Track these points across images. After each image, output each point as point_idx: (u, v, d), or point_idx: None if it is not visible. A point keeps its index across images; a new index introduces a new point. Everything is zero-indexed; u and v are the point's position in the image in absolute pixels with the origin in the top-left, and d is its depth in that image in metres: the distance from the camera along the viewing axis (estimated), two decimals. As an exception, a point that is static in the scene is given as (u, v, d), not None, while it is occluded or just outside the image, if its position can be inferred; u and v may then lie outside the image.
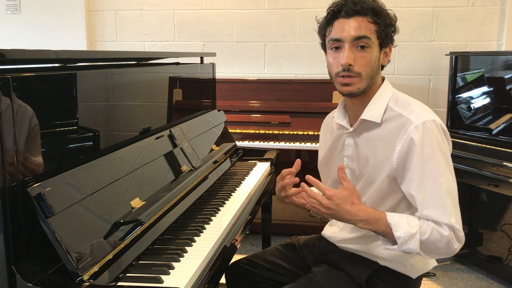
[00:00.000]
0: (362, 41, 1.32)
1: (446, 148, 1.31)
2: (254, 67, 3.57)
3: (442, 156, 1.29)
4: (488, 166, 2.50)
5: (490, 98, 2.79)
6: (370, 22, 1.33)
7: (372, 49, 1.34)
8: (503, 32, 3.17)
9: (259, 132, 3.03)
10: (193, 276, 1.14)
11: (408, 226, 1.26)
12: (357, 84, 1.34)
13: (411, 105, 1.36)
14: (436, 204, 1.27)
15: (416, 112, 1.33)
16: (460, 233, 1.27)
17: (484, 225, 2.71)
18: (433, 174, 1.27)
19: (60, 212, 1.04)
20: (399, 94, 1.42)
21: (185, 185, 1.55)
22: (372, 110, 1.39)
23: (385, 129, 1.37)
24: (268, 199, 2.30)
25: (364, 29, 1.32)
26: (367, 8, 1.33)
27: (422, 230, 1.26)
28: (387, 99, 1.39)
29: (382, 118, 1.37)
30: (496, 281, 2.66)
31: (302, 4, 3.42)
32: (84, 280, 1.01)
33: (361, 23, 1.32)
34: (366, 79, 1.35)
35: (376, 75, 1.38)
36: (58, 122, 1.20)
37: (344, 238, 1.49)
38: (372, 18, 1.33)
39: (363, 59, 1.33)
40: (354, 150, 1.44)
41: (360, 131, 1.42)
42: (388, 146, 1.34)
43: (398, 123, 1.34)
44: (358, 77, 1.34)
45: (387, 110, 1.38)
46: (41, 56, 1.24)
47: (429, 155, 1.28)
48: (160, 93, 1.86)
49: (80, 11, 3.65)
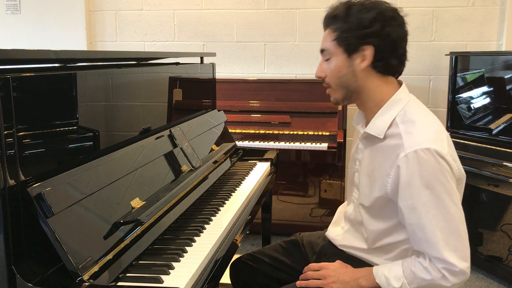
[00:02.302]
0: (324, 54, 1.34)
1: (444, 176, 1.20)
2: (254, 67, 3.57)
3: (436, 186, 1.19)
4: (488, 166, 2.50)
5: (490, 98, 2.79)
6: (332, 31, 1.30)
7: (335, 58, 1.31)
8: (503, 32, 3.17)
9: (259, 132, 3.03)
10: (193, 276, 1.14)
11: (394, 281, 1.27)
12: (332, 95, 1.36)
13: (414, 125, 1.25)
14: (427, 238, 1.22)
15: (412, 136, 1.23)
16: (456, 268, 1.20)
17: (484, 225, 2.71)
18: (425, 208, 1.20)
19: (60, 212, 1.04)
20: (410, 107, 1.30)
21: (185, 185, 1.55)
22: (376, 124, 1.32)
23: (385, 145, 1.30)
24: (268, 199, 2.30)
25: (324, 41, 1.33)
26: (328, 17, 1.32)
27: (408, 280, 1.26)
28: (395, 112, 1.29)
29: (386, 133, 1.29)
30: (496, 281, 2.66)
31: (302, 4, 3.42)
32: (84, 280, 1.01)
33: (326, 35, 1.33)
34: (339, 89, 1.33)
35: (352, 83, 1.31)
36: (58, 122, 1.20)
37: (346, 245, 1.48)
38: (333, 27, 1.30)
39: (328, 70, 1.33)
40: (362, 156, 1.41)
41: (367, 141, 1.38)
42: (386, 165, 1.28)
43: (395, 144, 1.26)
44: (330, 88, 1.35)
45: (392, 125, 1.29)
46: (41, 56, 1.24)
47: (419, 187, 1.20)
48: (160, 93, 1.86)
49: (80, 11, 3.65)
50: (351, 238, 1.46)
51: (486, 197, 2.71)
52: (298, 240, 1.66)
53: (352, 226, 1.47)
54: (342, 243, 1.49)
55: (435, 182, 1.20)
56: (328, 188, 3.04)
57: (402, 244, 1.34)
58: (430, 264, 1.24)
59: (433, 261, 1.23)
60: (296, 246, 1.65)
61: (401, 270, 1.28)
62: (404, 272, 1.27)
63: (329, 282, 1.35)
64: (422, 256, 1.27)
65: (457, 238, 1.22)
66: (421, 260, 1.27)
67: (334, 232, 1.54)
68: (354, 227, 1.46)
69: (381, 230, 1.35)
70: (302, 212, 3.11)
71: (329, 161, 2.85)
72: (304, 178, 3.12)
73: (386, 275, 1.29)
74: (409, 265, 1.28)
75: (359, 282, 1.33)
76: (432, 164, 1.19)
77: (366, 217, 1.38)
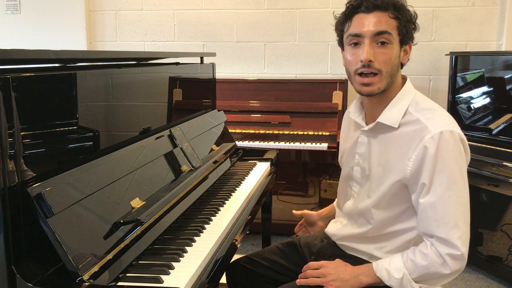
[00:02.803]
0: (383, 37, 1.27)
1: (462, 161, 1.26)
2: (254, 67, 3.57)
3: (455, 169, 1.24)
4: (488, 166, 2.50)
5: (490, 98, 2.79)
6: (391, 17, 1.28)
7: (393, 46, 1.29)
8: (503, 32, 3.17)
9: (259, 132, 3.03)
10: (193, 276, 1.14)
11: (395, 272, 1.29)
12: (377, 84, 1.29)
13: (431, 111, 1.30)
14: (437, 217, 1.25)
15: (434, 120, 1.27)
16: (458, 251, 1.23)
17: (484, 225, 2.71)
18: (442, 187, 1.24)
19: (60, 212, 1.04)
20: (421, 98, 1.35)
21: (185, 185, 1.55)
22: (390, 114, 1.33)
23: (401, 133, 1.32)
24: (268, 199, 2.30)
25: (385, 24, 1.27)
26: (388, 3, 1.29)
27: (409, 271, 1.28)
28: (407, 102, 1.33)
29: (400, 122, 1.32)
30: (496, 281, 2.66)
31: (302, 4, 3.42)
32: (84, 280, 1.01)
33: (381, 18, 1.28)
34: (387, 78, 1.29)
35: (396, 73, 1.33)
36: (58, 122, 1.20)
37: (346, 235, 1.48)
38: (393, 13, 1.28)
39: (384, 56, 1.28)
40: (367, 149, 1.41)
41: (376, 131, 1.38)
42: (402, 151, 1.30)
43: (415, 129, 1.28)
44: (379, 75, 1.29)
45: (406, 114, 1.32)
46: (41, 56, 1.23)
47: (441, 167, 1.23)
48: (160, 93, 1.86)
49: (80, 11, 3.65)
50: (351, 229, 1.47)
51: (486, 197, 2.71)
52: (295, 241, 1.66)
53: (351, 219, 1.48)
54: (343, 234, 1.49)
55: (454, 165, 1.24)
56: (328, 188, 3.04)
57: (404, 233, 1.36)
58: (432, 249, 1.26)
59: (436, 245, 1.25)
60: (293, 247, 1.65)
61: (401, 261, 1.30)
62: (405, 263, 1.29)
63: (329, 280, 1.35)
64: (423, 244, 1.29)
65: (465, 223, 1.27)
66: (421, 247, 1.29)
67: (334, 228, 1.55)
68: (353, 220, 1.46)
69: (387, 218, 1.37)
70: (302, 212, 3.11)
71: (329, 161, 2.85)
72: (304, 178, 3.12)
73: (386, 268, 1.30)
74: (409, 256, 1.29)
75: (360, 279, 1.33)
76: (454, 146, 1.24)
77: (373, 207, 1.38)
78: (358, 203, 1.43)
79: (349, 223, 1.48)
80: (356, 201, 1.45)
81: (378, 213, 1.37)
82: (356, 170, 1.45)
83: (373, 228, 1.39)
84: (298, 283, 1.40)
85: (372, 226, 1.39)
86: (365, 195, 1.42)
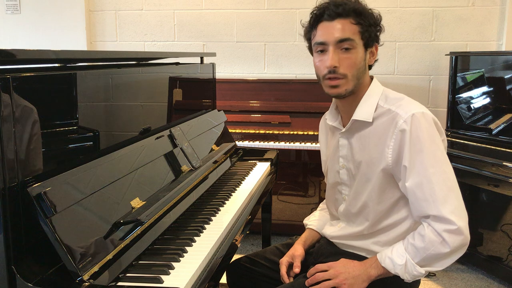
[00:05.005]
0: (346, 43, 1.33)
1: (437, 138, 1.31)
2: (254, 67, 3.57)
3: (432, 147, 1.29)
4: (488, 166, 2.50)
5: (490, 98, 2.79)
6: (353, 23, 1.34)
7: (356, 50, 1.34)
8: (503, 32, 3.17)
9: (259, 132, 3.03)
10: (193, 276, 1.14)
11: (398, 259, 1.30)
12: (344, 86, 1.36)
13: (400, 100, 1.38)
14: (426, 196, 1.28)
15: (404, 106, 1.34)
16: (454, 225, 1.25)
17: (484, 225, 2.71)
18: (423, 166, 1.28)
19: (60, 212, 1.04)
20: (389, 92, 1.43)
21: (185, 185, 1.55)
22: (363, 110, 1.40)
23: (376, 126, 1.38)
24: (268, 199, 2.30)
25: (347, 31, 1.33)
26: (349, 9, 1.34)
27: (411, 255, 1.29)
28: (377, 97, 1.40)
29: (373, 116, 1.39)
30: (496, 281, 2.66)
31: (302, 4, 3.42)
32: (84, 280, 1.01)
33: (344, 25, 1.33)
34: (353, 80, 1.36)
35: (363, 75, 1.39)
36: (58, 122, 1.20)
37: (344, 235, 1.49)
38: (354, 19, 1.34)
39: (348, 60, 1.34)
40: (349, 149, 1.46)
41: (353, 130, 1.43)
42: (381, 142, 1.36)
43: (388, 118, 1.35)
44: (345, 79, 1.35)
45: (377, 108, 1.39)
46: (41, 56, 1.24)
47: (418, 147, 1.29)
48: (160, 93, 1.86)
49: (80, 11, 3.65)
50: (350, 229, 1.48)
51: (486, 197, 2.71)
52: (294, 242, 1.66)
53: (349, 221, 1.49)
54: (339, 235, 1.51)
55: (431, 143, 1.29)
56: (328, 188, 3.04)
57: (399, 223, 1.39)
58: (428, 229, 1.28)
59: (432, 224, 1.27)
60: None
61: (402, 247, 1.32)
62: (406, 248, 1.31)
63: (341, 280, 1.35)
64: (421, 226, 1.31)
65: (456, 197, 1.29)
66: (419, 229, 1.31)
67: (331, 229, 1.56)
68: (351, 220, 1.48)
69: (380, 212, 1.39)
70: (302, 212, 3.11)
71: (329, 161, 2.84)
72: (304, 178, 3.12)
73: (389, 256, 1.32)
74: (409, 241, 1.32)
75: (369, 271, 1.35)
76: (428, 125, 1.30)
77: (366, 203, 1.41)
78: (351, 204, 1.46)
79: (348, 224, 1.50)
80: (349, 203, 1.47)
81: (372, 208, 1.40)
82: (342, 173, 1.48)
83: (370, 224, 1.42)
84: (308, 284, 1.39)
85: (369, 222, 1.42)
86: (356, 194, 1.44)
